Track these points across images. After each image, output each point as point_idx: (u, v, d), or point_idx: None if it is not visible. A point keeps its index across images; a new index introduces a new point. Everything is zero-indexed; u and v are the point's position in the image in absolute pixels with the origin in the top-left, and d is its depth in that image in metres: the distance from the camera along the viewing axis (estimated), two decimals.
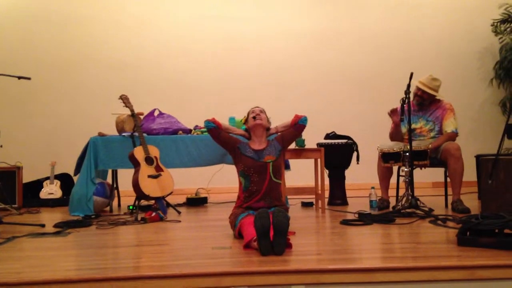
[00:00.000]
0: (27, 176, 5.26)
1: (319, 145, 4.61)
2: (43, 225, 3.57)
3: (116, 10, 6.38)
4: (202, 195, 5.16)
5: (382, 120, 5.12)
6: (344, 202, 4.68)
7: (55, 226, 3.60)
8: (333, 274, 2.22)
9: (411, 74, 3.92)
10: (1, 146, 4.63)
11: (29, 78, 3.80)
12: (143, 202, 4.41)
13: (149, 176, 4.19)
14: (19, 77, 3.77)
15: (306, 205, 4.70)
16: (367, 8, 6.71)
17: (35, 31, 6.23)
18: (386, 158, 4.20)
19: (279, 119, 3.57)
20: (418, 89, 4.34)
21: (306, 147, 4.29)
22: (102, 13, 6.35)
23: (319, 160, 4.27)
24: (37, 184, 5.26)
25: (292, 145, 4.24)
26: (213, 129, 3.28)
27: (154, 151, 4.33)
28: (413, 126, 4.16)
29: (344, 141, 4.69)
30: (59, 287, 2.13)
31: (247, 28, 6.55)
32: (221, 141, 3.31)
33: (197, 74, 6.48)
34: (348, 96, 6.61)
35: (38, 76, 5.58)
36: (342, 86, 6.63)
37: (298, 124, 3.35)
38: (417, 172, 4.32)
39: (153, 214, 3.86)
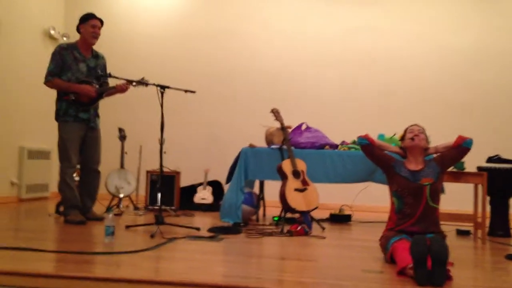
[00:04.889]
0: (183, 181, 5.71)
1: (480, 169, 4.18)
2: (198, 229, 3.83)
3: (267, 25, 6.62)
4: (346, 212, 5.06)
5: None
6: (507, 234, 4.17)
7: (209, 230, 3.84)
8: None
9: None
10: (165, 153, 5.08)
11: (194, 92, 4.08)
12: (288, 215, 4.48)
13: (296, 190, 4.24)
14: (186, 91, 4.07)
15: (462, 233, 4.29)
16: None
17: (196, 47, 6.73)
18: None
19: (435, 139, 3.32)
20: None
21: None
22: (254, 28, 6.63)
23: (479, 185, 3.88)
24: (192, 189, 5.69)
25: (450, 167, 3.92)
26: (366, 145, 3.19)
27: (301, 165, 4.37)
28: None
29: (510, 166, 4.19)
30: None
31: (401, 42, 6.31)
32: (375, 158, 3.20)
33: (345, 89, 6.41)
34: None
35: (198, 88, 6.07)
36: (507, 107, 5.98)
37: (462, 147, 3.07)
38: None
39: (299, 227, 3.89)
